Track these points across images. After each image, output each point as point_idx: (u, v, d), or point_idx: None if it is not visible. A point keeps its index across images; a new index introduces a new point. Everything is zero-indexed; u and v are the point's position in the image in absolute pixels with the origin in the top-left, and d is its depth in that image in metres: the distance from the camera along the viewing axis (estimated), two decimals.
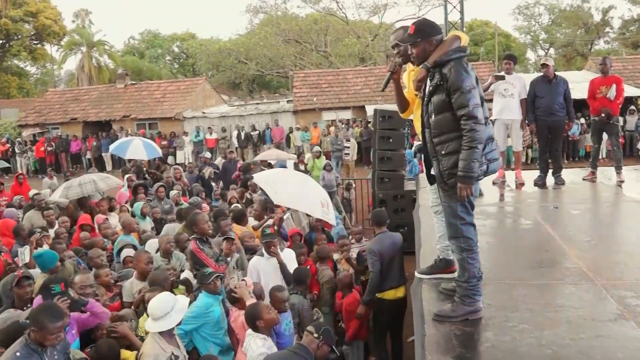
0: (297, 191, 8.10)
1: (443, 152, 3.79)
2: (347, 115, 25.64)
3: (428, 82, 3.87)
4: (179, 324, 4.69)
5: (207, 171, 13.74)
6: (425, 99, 3.90)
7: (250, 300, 5.44)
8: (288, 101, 29.37)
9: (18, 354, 3.86)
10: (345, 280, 6.84)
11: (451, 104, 3.69)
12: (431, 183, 4.30)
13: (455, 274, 4.11)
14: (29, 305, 5.03)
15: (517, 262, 5.18)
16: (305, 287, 6.32)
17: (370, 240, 6.90)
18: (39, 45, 54.15)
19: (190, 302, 5.15)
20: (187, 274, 6.21)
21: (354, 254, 7.58)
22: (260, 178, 8.95)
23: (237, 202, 10.48)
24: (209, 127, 25.39)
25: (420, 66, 3.91)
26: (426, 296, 4.30)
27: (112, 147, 17.21)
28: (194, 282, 5.95)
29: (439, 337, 3.65)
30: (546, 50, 55.92)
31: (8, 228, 8.99)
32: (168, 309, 4.53)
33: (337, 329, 6.79)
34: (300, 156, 15.87)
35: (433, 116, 3.82)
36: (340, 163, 19.81)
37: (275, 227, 7.26)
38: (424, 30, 3.89)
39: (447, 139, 3.76)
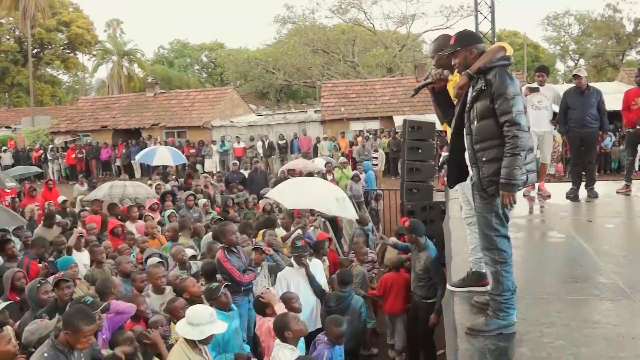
0: (305, 190, 8.22)
1: (484, 159, 3.73)
2: (375, 125, 25.56)
3: (471, 88, 3.83)
4: (206, 342, 4.68)
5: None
6: (468, 105, 3.86)
7: (278, 305, 5.44)
8: (316, 111, 29.42)
9: (46, 354, 3.94)
10: (394, 260, 7.74)
11: (494, 110, 3.65)
12: (450, 186, 4.29)
13: (488, 287, 4.04)
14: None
15: (550, 276, 5.09)
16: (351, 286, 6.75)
17: (430, 251, 6.89)
18: (71, 54, 55.27)
19: None
20: None
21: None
22: (273, 193, 9.07)
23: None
24: (237, 136, 25.53)
25: (462, 73, 3.88)
26: (458, 309, 4.24)
27: (137, 156, 17.44)
28: None
29: (473, 351, 3.58)
30: (576, 61, 55.22)
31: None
32: (205, 321, 4.53)
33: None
34: (327, 165, 15.81)
35: (475, 122, 3.77)
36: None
37: (306, 239, 7.30)
38: (464, 39, 3.91)
39: (489, 146, 3.70)
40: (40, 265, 7.23)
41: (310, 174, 14.74)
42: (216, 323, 4.63)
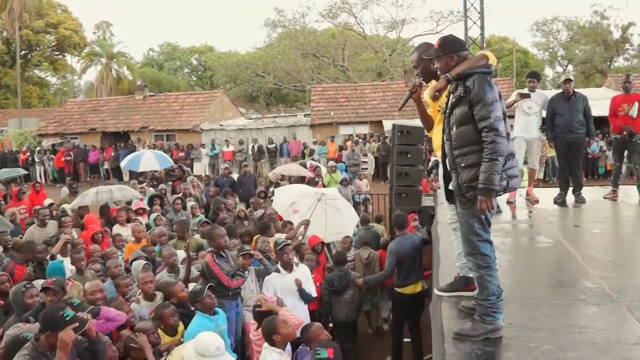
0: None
1: (462, 165, 3.74)
2: (364, 130, 25.62)
3: (451, 94, 3.86)
4: None
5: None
6: (448, 111, 3.88)
7: (281, 310, 5.41)
8: (305, 115, 29.43)
9: (27, 356, 3.96)
10: (382, 242, 8.77)
11: (473, 117, 3.66)
12: (449, 200, 4.23)
13: (475, 292, 4.05)
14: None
15: (538, 281, 5.10)
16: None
17: (390, 245, 7.50)
18: (59, 56, 55.00)
19: None
20: None
21: None
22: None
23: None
24: (226, 140, 25.50)
25: (441, 77, 3.91)
26: (446, 314, 4.23)
27: (123, 163, 17.24)
28: None
29: (460, 356, 3.57)
30: (564, 67, 55.63)
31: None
32: (209, 354, 4.41)
33: None
34: (316, 169, 15.79)
35: (454, 128, 3.80)
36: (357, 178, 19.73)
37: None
38: (447, 45, 3.92)
39: (467, 152, 3.72)
40: (28, 269, 7.16)
41: (302, 178, 14.74)
42: (221, 357, 4.50)
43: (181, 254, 7.46)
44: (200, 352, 4.41)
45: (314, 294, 6.89)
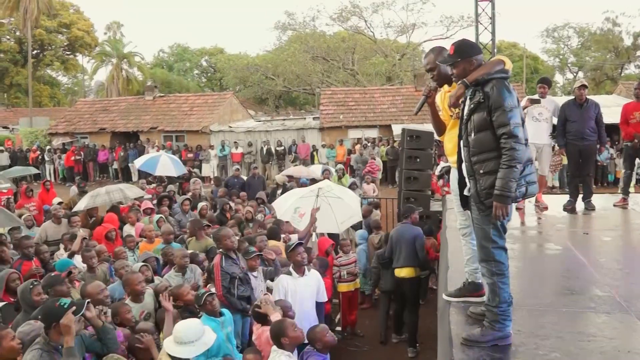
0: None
1: (481, 171, 3.72)
2: (373, 133, 25.59)
3: (468, 100, 3.83)
4: None
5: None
6: (465, 117, 3.86)
7: (275, 314, 5.39)
8: (314, 118, 29.44)
9: (40, 350, 4.01)
10: None
11: (492, 123, 3.64)
12: (464, 207, 4.19)
13: (484, 298, 4.03)
14: None
15: (547, 288, 5.08)
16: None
17: (394, 229, 8.56)
18: (71, 56, 55.33)
19: None
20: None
21: (343, 270, 8.84)
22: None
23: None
24: (235, 142, 25.55)
25: (458, 82, 3.87)
26: (454, 319, 4.22)
27: (138, 162, 17.15)
28: None
29: None
30: (575, 74, 55.42)
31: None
32: (194, 338, 4.48)
33: None
34: (324, 172, 15.74)
35: (473, 134, 3.76)
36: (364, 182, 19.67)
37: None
38: (464, 50, 3.87)
39: (486, 158, 3.69)
40: (34, 267, 7.19)
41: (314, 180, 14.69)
42: (205, 334, 4.58)
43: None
44: (179, 341, 4.46)
45: (325, 299, 6.87)
